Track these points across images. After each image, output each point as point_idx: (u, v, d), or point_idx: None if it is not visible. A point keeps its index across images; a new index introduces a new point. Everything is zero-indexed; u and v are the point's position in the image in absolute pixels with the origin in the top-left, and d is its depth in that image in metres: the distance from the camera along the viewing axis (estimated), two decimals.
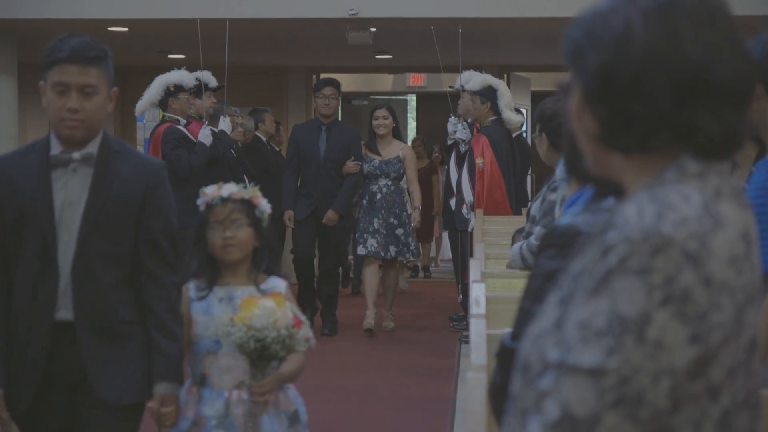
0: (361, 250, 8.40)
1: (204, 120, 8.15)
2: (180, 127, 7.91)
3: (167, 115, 7.97)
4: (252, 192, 3.43)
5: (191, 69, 8.24)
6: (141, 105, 7.99)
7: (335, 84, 8.54)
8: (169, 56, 12.23)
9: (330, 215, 8.22)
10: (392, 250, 8.36)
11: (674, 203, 1.23)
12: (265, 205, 3.42)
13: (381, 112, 8.50)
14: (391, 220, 8.37)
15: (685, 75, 1.27)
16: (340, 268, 9.48)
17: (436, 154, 12.49)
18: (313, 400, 5.87)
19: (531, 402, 1.27)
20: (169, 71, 8.12)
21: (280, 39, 11.29)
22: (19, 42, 10.75)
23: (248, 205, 3.40)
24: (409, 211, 8.45)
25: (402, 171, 8.45)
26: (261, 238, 3.41)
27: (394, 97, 17.54)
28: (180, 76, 7.99)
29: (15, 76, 10.76)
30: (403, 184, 8.56)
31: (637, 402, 1.18)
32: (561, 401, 1.19)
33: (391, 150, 8.46)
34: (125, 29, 10.58)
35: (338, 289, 8.49)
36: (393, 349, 7.84)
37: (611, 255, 1.21)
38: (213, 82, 8.39)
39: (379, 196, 8.41)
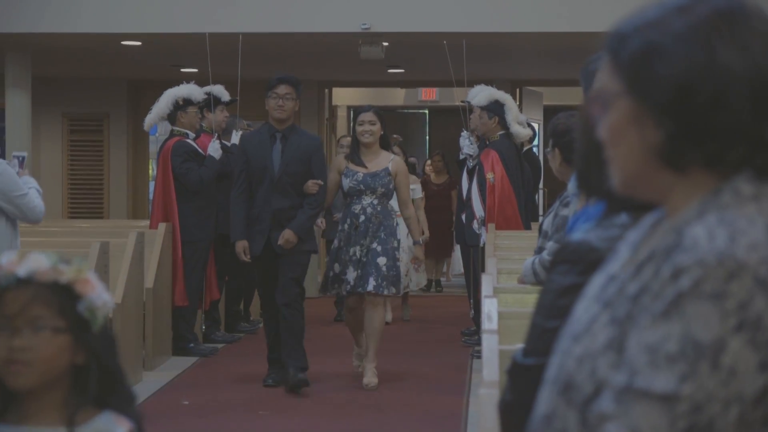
0: (342, 289, 6.80)
1: (215, 134, 8.17)
2: (189, 140, 7.92)
3: (176, 129, 8.00)
4: (76, 272, 1.93)
5: (204, 83, 8.27)
6: (149, 119, 8.02)
7: (292, 81, 6.79)
8: (182, 70, 12.27)
9: (287, 235, 6.56)
10: (370, 282, 6.65)
11: (743, 227, 1.22)
12: (97, 297, 1.92)
13: (367, 116, 6.83)
14: (374, 245, 6.70)
15: (762, 87, 1.26)
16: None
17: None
18: (324, 415, 5.86)
19: (574, 423, 1.26)
20: (180, 84, 8.15)
21: (293, 53, 11.31)
22: (32, 56, 10.80)
23: (64, 296, 1.91)
24: (399, 237, 6.96)
25: (391, 186, 6.82)
26: (87, 352, 1.92)
27: (408, 111, 17.55)
28: (189, 90, 8.01)
29: (29, 90, 10.81)
30: (392, 203, 6.98)
31: (707, 430, 1.17)
32: (629, 426, 1.18)
33: (379, 162, 6.84)
34: (138, 43, 10.62)
35: (304, 323, 6.77)
36: (405, 363, 7.81)
37: (684, 278, 1.19)
38: (225, 96, 8.41)
39: (362, 217, 6.74)
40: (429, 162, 13.17)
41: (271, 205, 6.61)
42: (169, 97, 7.94)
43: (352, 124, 6.66)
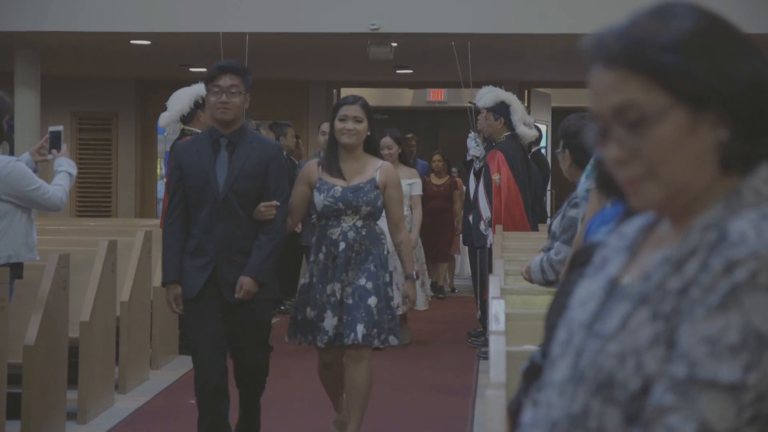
0: (317, 340, 5.10)
1: None
2: None
3: (188, 128, 8.01)
4: None
5: None
6: (168, 117, 8.00)
7: (239, 70, 5.08)
8: (191, 69, 12.29)
9: (246, 285, 4.87)
10: (359, 330, 5.04)
11: None
12: None
13: (352, 110, 5.21)
14: (361, 281, 5.10)
15: None
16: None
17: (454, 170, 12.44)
18: (328, 409, 5.86)
19: (617, 420, 1.28)
20: (190, 84, 8.16)
21: (302, 53, 11.33)
22: (41, 55, 10.83)
23: None
24: (391, 269, 5.32)
25: (379, 203, 5.19)
26: None
27: (416, 112, 17.55)
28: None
29: (38, 89, 10.84)
30: (381, 224, 5.31)
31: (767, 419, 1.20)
32: (697, 417, 1.20)
33: (363, 171, 5.22)
34: (147, 42, 10.64)
35: (263, 390, 5.17)
36: (411, 365, 7.81)
37: (739, 271, 1.23)
38: None
39: (342, 245, 5.12)
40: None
41: (215, 234, 4.92)
42: (190, 95, 7.95)
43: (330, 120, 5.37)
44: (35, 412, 5.28)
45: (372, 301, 5.08)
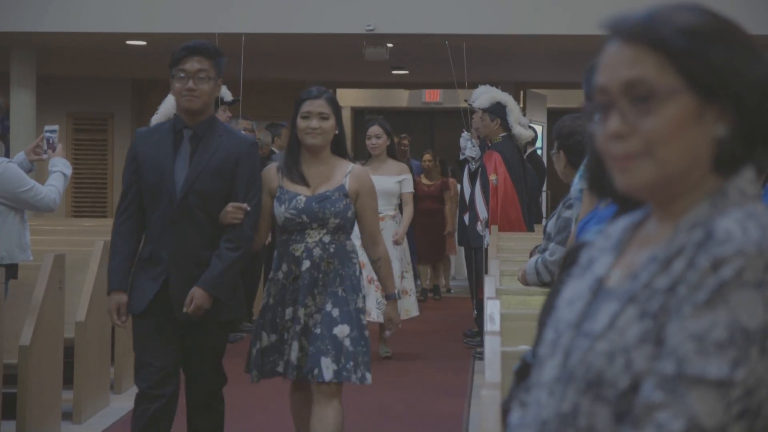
0: (286, 373, 4.41)
1: None
2: None
3: None
4: None
5: None
6: (156, 119, 8.03)
7: (209, 52, 4.39)
8: None
9: (198, 299, 4.15)
10: (328, 366, 4.29)
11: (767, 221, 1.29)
12: None
13: (317, 105, 4.44)
14: (328, 308, 4.35)
15: None
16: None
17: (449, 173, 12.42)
18: None
19: (606, 418, 1.29)
20: None
21: (298, 54, 11.34)
22: (37, 55, 10.83)
23: None
24: (364, 292, 4.48)
25: (350, 214, 4.43)
26: None
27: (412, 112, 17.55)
28: None
29: (34, 89, 10.83)
30: (355, 239, 4.55)
31: (755, 414, 1.21)
32: (686, 413, 1.21)
33: (331, 177, 4.47)
34: (143, 43, 10.64)
35: (223, 424, 4.50)
36: (406, 365, 7.82)
37: (726, 268, 1.24)
38: (228, 96, 8.42)
39: (306, 263, 4.38)
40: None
41: (169, 240, 4.23)
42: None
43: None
44: (30, 412, 5.28)
45: (340, 330, 4.32)
